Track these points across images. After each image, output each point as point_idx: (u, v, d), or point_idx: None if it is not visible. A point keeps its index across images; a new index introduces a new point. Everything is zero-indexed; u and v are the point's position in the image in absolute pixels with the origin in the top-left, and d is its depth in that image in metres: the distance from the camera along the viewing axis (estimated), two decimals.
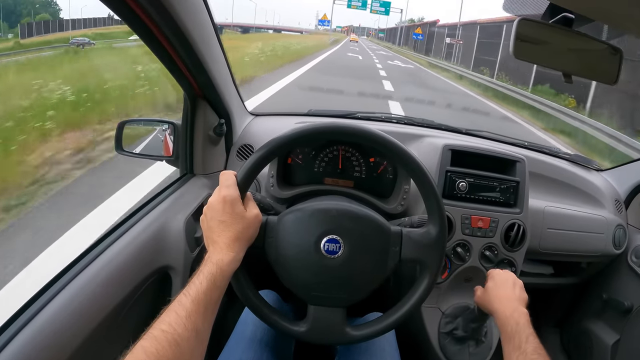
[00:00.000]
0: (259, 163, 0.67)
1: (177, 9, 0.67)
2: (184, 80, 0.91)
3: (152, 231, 0.84)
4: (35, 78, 4.89)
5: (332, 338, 0.70)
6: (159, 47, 0.76)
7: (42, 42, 11.17)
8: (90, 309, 0.65)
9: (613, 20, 0.60)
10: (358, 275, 0.68)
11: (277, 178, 0.98)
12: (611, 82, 0.72)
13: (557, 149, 1.41)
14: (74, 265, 0.71)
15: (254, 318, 0.83)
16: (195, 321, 0.51)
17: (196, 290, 0.53)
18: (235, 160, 1.13)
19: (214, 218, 0.62)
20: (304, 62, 13.05)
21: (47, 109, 3.89)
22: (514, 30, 0.64)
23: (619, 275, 1.29)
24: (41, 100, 4.18)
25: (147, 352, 0.45)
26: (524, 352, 0.60)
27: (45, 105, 4.02)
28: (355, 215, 0.68)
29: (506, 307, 0.71)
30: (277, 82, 7.93)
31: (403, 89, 9.27)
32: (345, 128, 0.69)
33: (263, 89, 6.76)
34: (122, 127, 1.02)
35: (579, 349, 1.41)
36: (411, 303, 0.69)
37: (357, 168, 1.02)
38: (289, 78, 8.83)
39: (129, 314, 0.74)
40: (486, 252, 1.04)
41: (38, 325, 0.58)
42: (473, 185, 1.04)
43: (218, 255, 0.59)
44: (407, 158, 0.68)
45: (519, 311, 0.69)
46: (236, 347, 0.79)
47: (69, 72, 6.51)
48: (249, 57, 10.35)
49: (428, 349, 1.04)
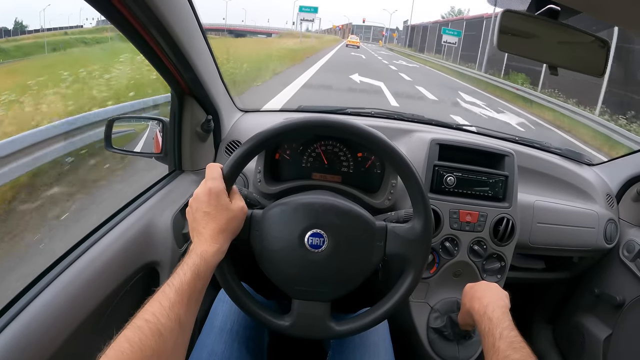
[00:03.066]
0: (245, 156, 0.67)
1: (160, 7, 0.67)
2: (171, 77, 0.91)
3: (139, 227, 0.84)
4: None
5: (315, 333, 0.70)
6: (144, 45, 0.76)
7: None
8: (76, 305, 0.66)
9: (599, 11, 0.59)
10: (342, 270, 0.68)
11: (265, 173, 0.98)
12: (598, 74, 0.71)
13: (548, 143, 1.41)
14: (61, 261, 0.71)
15: (224, 309, 0.84)
16: (178, 312, 0.51)
17: (180, 281, 0.54)
18: (224, 156, 1.13)
19: (199, 209, 0.63)
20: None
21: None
22: (498, 22, 0.64)
23: (610, 270, 1.30)
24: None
25: (130, 342, 0.46)
26: (497, 350, 0.59)
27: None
28: (340, 209, 0.68)
29: (480, 305, 0.69)
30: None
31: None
32: (330, 122, 0.69)
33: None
34: (112, 124, 1.02)
35: (572, 344, 1.42)
36: (395, 299, 0.69)
37: (345, 163, 1.02)
38: None
39: (116, 310, 0.75)
40: (475, 246, 1.04)
41: (25, 321, 0.59)
42: (461, 179, 1.03)
43: (202, 247, 0.60)
44: (392, 152, 0.68)
45: (493, 305, 0.67)
46: (206, 339, 0.79)
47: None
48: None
49: (417, 343, 1.04)
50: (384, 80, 10.23)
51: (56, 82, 4.19)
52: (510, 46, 0.67)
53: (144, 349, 0.46)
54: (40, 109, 3.42)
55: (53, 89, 4.00)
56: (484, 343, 0.63)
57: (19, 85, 3.96)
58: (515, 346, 0.58)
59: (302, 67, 12.03)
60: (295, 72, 10.19)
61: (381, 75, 11.58)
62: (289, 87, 7.49)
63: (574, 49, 0.70)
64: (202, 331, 0.83)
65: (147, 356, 0.46)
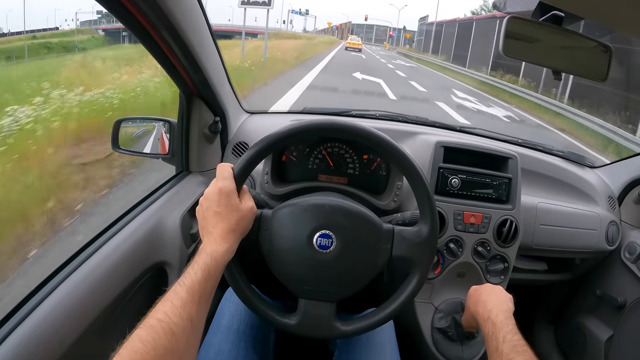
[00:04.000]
0: (255, 157, 0.68)
1: (172, 9, 0.68)
2: (180, 79, 0.91)
3: (148, 228, 0.85)
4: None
5: (321, 332, 0.70)
6: (155, 46, 0.76)
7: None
8: (86, 305, 0.66)
9: (602, 18, 0.60)
10: (349, 271, 0.68)
11: (272, 175, 0.98)
12: (601, 78, 0.73)
13: (551, 146, 1.42)
14: (71, 262, 0.72)
15: (231, 308, 0.84)
16: (190, 311, 0.52)
17: (191, 281, 0.54)
18: (230, 157, 1.14)
19: (209, 209, 0.63)
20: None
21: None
22: (504, 28, 0.65)
23: (612, 272, 1.30)
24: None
25: (144, 341, 0.46)
26: (500, 353, 0.59)
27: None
28: (349, 211, 0.69)
29: (484, 309, 0.69)
30: None
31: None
32: (338, 125, 0.70)
33: None
34: (119, 125, 1.02)
35: (573, 345, 1.42)
36: (400, 300, 0.70)
37: (351, 165, 1.03)
38: None
39: (126, 310, 0.75)
40: (479, 248, 1.05)
41: (35, 321, 0.59)
42: (465, 181, 1.05)
43: (212, 246, 0.60)
44: (399, 155, 0.69)
45: (497, 309, 0.67)
46: (213, 338, 0.80)
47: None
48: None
49: (422, 343, 1.05)
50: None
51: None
52: (515, 51, 0.68)
53: (157, 348, 0.46)
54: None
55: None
56: (488, 346, 0.64)
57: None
58: (518, 349, 0.59)
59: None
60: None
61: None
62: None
63: (578, 54, 0.71)
64: (208, 330, 0.83)
65: (160, 355, 0.46)
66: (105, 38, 27.50)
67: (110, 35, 27.14)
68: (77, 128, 3.03)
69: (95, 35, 25.31)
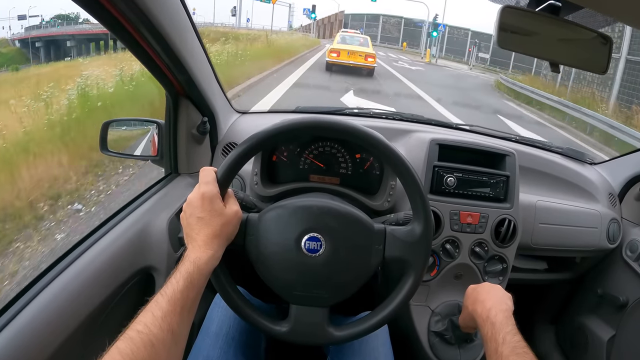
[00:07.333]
0: (239, 159, 0.65)
1: (151, 8, 0.66)
2: (165, 79, 0.89)
3: (134, 231, 0.83)
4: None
5: (314, 338, 0.68)
6: (136, 46, 0.74)
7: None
8: (70, 310, 0.65)
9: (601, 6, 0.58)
10: (340, 274, 0.66)
11: (262, 176, 0.96)
12: (601, 71, 0.70)
13: (550, 142, 1.40)
14: (55, 266, 0.70)
15: (220, 313, 0.83)
16: (170, 322, 0.51)
17: (172, 290, 0.53)
18: (220, 158, 1.12)
19: (192, 215, 0.61)
20: None
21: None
22: (497, 19, 0.62)
23: (613, 270, 1.28)
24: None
25: (122, 353, 0.46)
26: (500, 355, 0.58)
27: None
28: (337, 212, 0.66)
29: (483, 309, 0.67)
30: None
31: None
32: (326, 123, 0.67)
33: None
34: (107, 127, 1.01)
35: (575, 345, 1.40)
36: (395, 303, 0.68)
37: (343, 164, 1.00)
38: None
39: (111, 315, 0.74)
40: (476, 248, 1.02)
41: (18, 326, 0.58)
42: (462, 180, 1.02)
43: (196, 254, 0.59)
44: (389, 153, 0.67)
45: (496, 309, 0.65)
46: (202, 344, 0.78)
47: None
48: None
49: (418, 347, 1.03)
50: None
51: None
52: (511, 43, 0.66)
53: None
54: None
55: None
56: (487, 348, 0.62)
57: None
58: (518, 351, 0.57)
59: None
60: None
61: None
62: None
63: (576, 46, 0.69)
64: (197, 336, 0.81)
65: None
66: (20, 51, 21.74)
67: (26, 48, 21.51)
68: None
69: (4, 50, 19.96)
